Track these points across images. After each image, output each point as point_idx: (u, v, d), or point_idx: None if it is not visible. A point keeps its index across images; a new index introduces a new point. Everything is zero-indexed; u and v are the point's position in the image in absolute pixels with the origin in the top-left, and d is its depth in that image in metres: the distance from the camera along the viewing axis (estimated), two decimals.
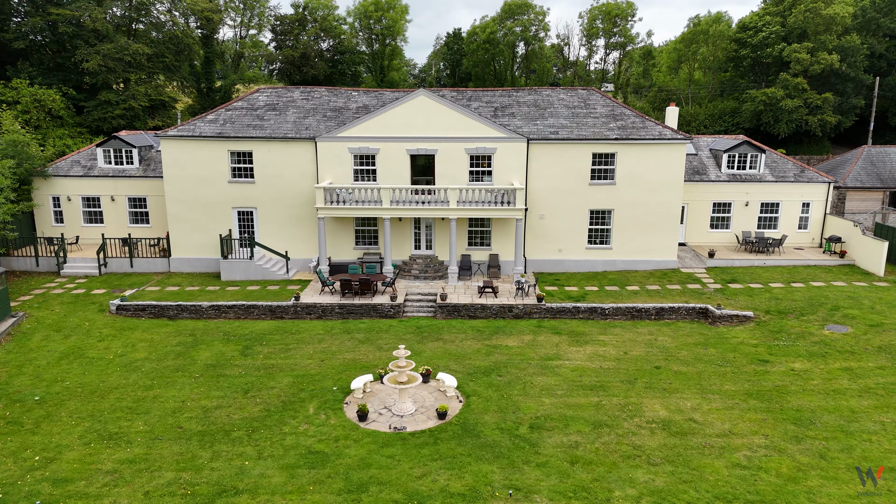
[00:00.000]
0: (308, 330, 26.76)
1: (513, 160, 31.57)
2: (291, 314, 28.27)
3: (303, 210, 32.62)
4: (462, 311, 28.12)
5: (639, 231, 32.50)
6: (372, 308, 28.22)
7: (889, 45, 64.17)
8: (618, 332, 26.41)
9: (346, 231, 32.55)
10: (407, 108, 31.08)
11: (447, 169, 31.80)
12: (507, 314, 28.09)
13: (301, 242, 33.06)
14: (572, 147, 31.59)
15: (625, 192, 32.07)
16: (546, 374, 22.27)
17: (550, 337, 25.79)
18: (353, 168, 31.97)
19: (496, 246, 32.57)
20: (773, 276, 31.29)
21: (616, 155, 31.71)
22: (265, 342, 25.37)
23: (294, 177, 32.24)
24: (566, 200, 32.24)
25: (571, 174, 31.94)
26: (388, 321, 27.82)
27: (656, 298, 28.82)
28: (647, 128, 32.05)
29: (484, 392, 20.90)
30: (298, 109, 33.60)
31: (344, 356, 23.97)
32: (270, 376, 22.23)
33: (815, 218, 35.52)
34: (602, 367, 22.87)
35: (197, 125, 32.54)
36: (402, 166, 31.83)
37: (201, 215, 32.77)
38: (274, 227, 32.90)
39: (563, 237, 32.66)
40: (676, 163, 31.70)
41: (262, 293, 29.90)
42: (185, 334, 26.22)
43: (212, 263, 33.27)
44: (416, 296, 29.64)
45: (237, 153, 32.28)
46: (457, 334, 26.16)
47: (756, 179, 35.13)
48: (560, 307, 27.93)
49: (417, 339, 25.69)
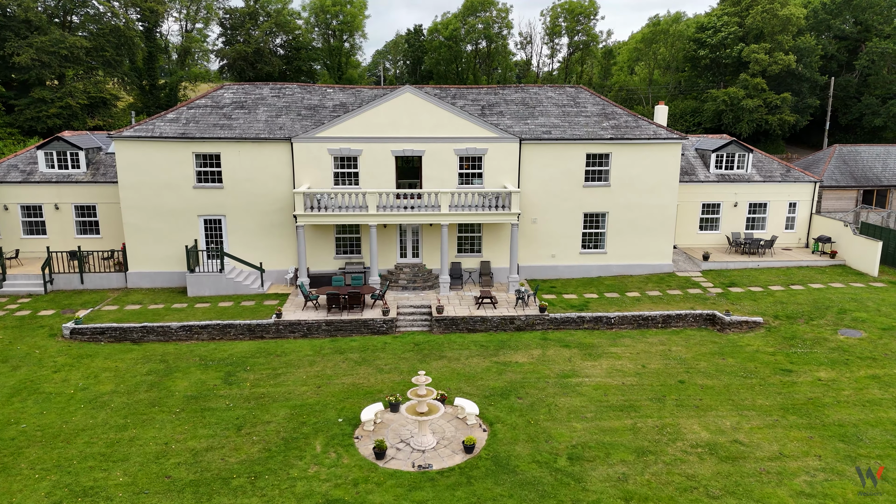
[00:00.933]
0: (295, 351, 24.23)
1: (504, 161, 29.79)
2: (273, 333, 25.64)
3: (277, 217, 29.92)
4: (460, 325, 26.14)
5: (634, 234, 31.28)
6: (363, 324, 25.88)
7: (840, 47, 65.78)
8: (628, 342, 24.98)
9: (326, 239, 30.05)
10: (392, 107, 28.85)
11: (435, 171, 29.73)
12: (509, 326, 26.28)
13: (275, 252, 30.35)
14: (566, 147, 30.07)
15: (619, 193, 30.77)
16: (569, 394, 20.54)
17: (560, 350, 24.11)
18: (333, 171, 29.50)
19: (487, 252, 30.71)
20: (770, 279, 30.60)
21: (611, 155, 30.37)
22: (249, 367, 22.72)
23: (267, 181, 29.51)
24: (559, 203, 30.69)
25: (565, 176, 30.41)
26: (381, 338, 25.56)
27: (661, 305, 27.58)
28: (641, 127, 30.86)
29: (507, 418, 18.99)
30: (270, 108, 30.85)
31: (342, 381, 21.61)
32: (263, 408, 19.67)
33: (802, 218, 35.21)
34: (625, 384, 21.33)
35: (156, 125, 29.38)
36: (386, 169, 29.57)
37: (163, 224, 29.62)
38: (245, 237, 30.06)
39: (557, 242, 31.11)
40: (671, 163, 30.62)
41: (237, 310, 27.11)
42: (156, 360, 23.26)
43: (176, 278, 30.15)
44: (408, 308, 27.47)
45: (203, 155, 29.30)
46: (459, 351, 24.16)
47: (744, 179, 34.52)
48: (564, 317, 26.32)
49: (418, 357, 23.56)
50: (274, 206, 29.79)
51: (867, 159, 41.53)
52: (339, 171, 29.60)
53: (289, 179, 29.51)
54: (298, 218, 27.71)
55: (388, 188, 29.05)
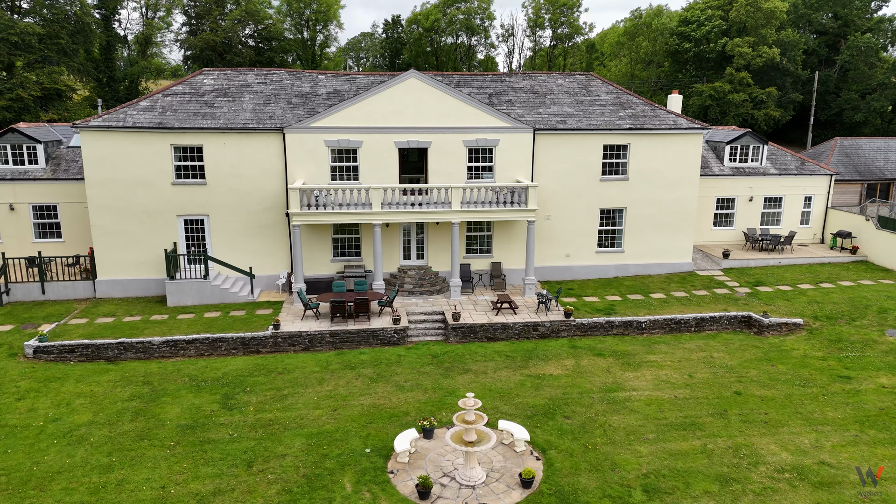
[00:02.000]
0: (299, 367, 21.37)
1: (517, 154, 27.40)
2: (271, 346, 22.71)
3: (267, 216, 26.92)
4: (479, 333, 23.65)
5: (652, 231, 29.27)
6: (371, 334, 23.16)
7: (820, 42, 65.53)
8: (664, 349, 22.89)
9: (322, 240, 27.17)
10: (395, 93, 26.17)
11: (442, 165, 27.16)
12: (532, 334, 23.91)
13: (265, 256, 27.33)
14: (582, 138, 27.85)
15: (638, 188, 28.72)
16: (620, 412, 18.26)
17: (595, 360, 21.85)
18: (330, 164, 26.65)
19: (499, 253, 28.29)
20: (796, 277, 28.97)
21: (629, 147, 28.28)
22: (249, 387, 19.79)
23: (256, 176, 26.49)
24: (575, 199, 28.46)
25: (581, 169, 28.20)
26: (393, 350, 22.88)
27: (691, 307, 25.59)
28: (660, 117, 28.87)
29: (560, 443, 16.58)
30: (256, 95, 27.80)
31: (360, 401, 18.89)
32: (274, 438, 16.83)
33: (817, 212, 33.80)
34: (677, 397, 19.16)
35: (128, 114, 26.06)
36: (389, 162, 26.87)
37: (137, 226, 26.31)
38: (231, 239, 26.96)
39: (571, 241, 28.88)
40: (692, 154, 28.71)
41: (226, 321, 24.06)
42: (138, 382, 20.13)
43: (153, 286, 26.87)
44: (419, 316, 24.85)
45: (183, 148, 26.11)
46: (484, 362, 21.67)
47: (760, 173, 32.91)
48: (592, 322, 24.08)
49: (440, 371, 20.98)
50: (263, 204, 26.78)
51: (868, 152, 40.57)
52: (337, 164, 26.76)
53: (280, 174, 26.54)
54: (293, 217, 24.81)
55: (391, 183, 26.37)
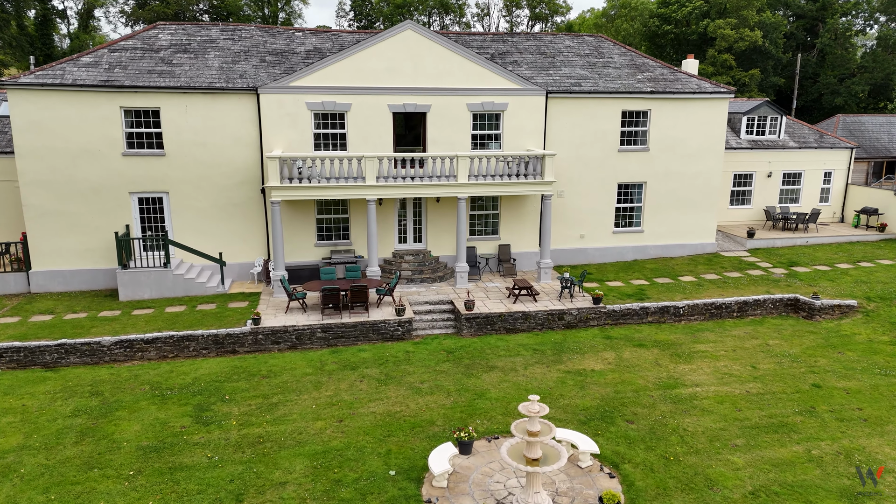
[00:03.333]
0: (287, 368, 17.51)
1: (527, 120, 24.03)
2: (251, 345, 18.78)
3: (239, 193, 22.88)
4: (496, 324, 20.20)
5: (674, 209, 26.31)
6: (371, 328, 19.45)
7: (798, 25, 64.34)
8: (711, 337, 19.87)
9: (305, 221, 23.27)
10: (388, 48, 22.47)
11: (443, 132, 23.58)
12: (557, 323, 20.58)
13: (237, 240, 23.28)
14: (599, 103, 24.66)
15: (659, 159, 25.71)
16: (691, 412, 15.05)
17: (637, 352, 18.64)
18: (313, 131, 22.77)
19: (507, 234, 24.86)
20: (830, 257, 26.41)
21: (650, 113, 25.23)
22: (228, 395, 15.87)
23: (225, 145, 22.43)
24: (590, 173, 25.26)
25: (597, 138, 25.02)
26: (398, 345, 19.21)
27: (729, 291, 22.67)
28: (681, 80, 25.93)
29: (632, 453, 13.25)
30: (223, 52, 23.70)
31: (370, 409, 15.19)
32: (268, 460, 13.01)
33: (837, 189, 31.48)
34: (749, 393, 16.07)
35: (67, 70, 21.67)
36: (382, 129, 23.15)
37: (80, 206, 21.95)
38: (196, 220, 22.82)
39: (586, 220, 25.67)
40: (718, 122, 25.86)
41: (194, 316, 19.99)
42: (84, 393, 15.98)
43: (101, 277, 22.53)
44: (423, 306, 21.24)
45: (136, 112, 21.87)
46: (509, 358, 18.22)
47: (778, 146, 30.36)
48: (625, 309, 20.90)
49: (460, 369, 17.43)
50: (234, 178, 22.73)
51: (872, 130, 38.69)
52: (322, 131, 22.90)
53: (254, 143, 22.54)
54: (272, 192, 20.88)
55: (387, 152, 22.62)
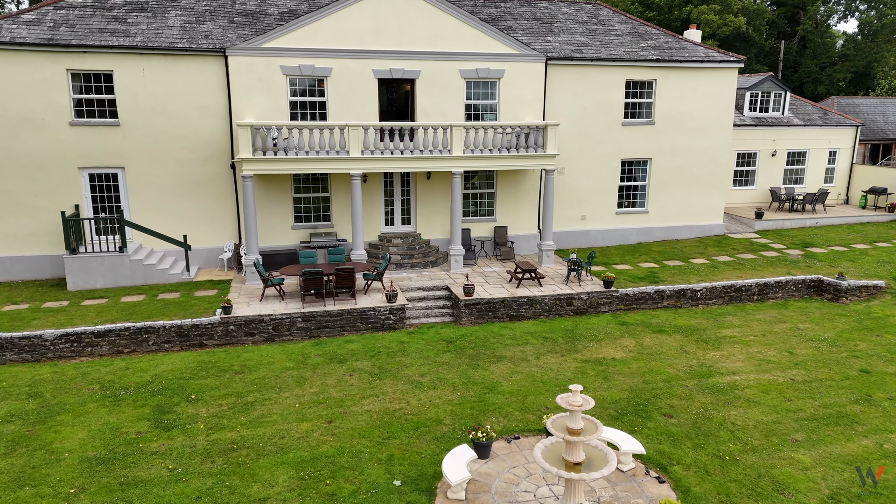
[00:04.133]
0: (264, 363, 15.12)
1: (526, 89, 21.95)
2: (221, 337, 16.32)
3: (206, 169, 20.36)
4: (499, 311, 18.05)
5: (680, 188, 24.48)
6: (359, 316, 17.13)
7: (779, 13, 63.57)
8: (735, 321, 18.01)
9: (280, 201, 20.84)
10: (374, 6, 20.17)
11: (433, 101, 21.37)
12: (565, 309, 18.51)
13: (203, 223, 20.75)
14: (601, 72, 22.70)
15: (665, 134, 23.86)
16: (734, 404, 13.08)
17: (659, 338, 16.67)
18: (289, 99, 20.35)
19: (503, 215, 22.74)
20: (844, 237, 24.87)
21: (655, 84, 23.37)
22: (194, 394, 13.44)
23: (189, 114, 19.90)
24: (593, 147, 23.29)
25: (600, 110, 23.05)
26: (390, 336, 16.94)
27: (747, 273, 20.88)
28: (687, 49, 24.12)
29: (679, 453, 11.20)
30: (185, 11, 21.12)
31: (364, 407, 12.90)
32: (244, 471, 10.66)
33: (842, 169, 30.04)
34: (794, 381, 14.19)
35: (4, 27, 18.93)
36: (366, 98, 20.83)
37: (21, 184, 19.22)
38: (157, 200, 20.24)
39: (588, 199, 23.69)
40: (726, 94, 24.10)
41: (154, 306, 17.44)
42: (20, 395, 13.40)
43: (47, 265, 19.81)
44: (416, 292, 19.00)
45: (85, 75, 19.22)
46: (518, 347, 16.08)
47: (783, 123, 28.79)
48: (638, 293, 18.94)
49: (464, 360, 15.23)
50: (200, 152, 20.20)
51: (867, 112, 37.56)
52: (299, 99, 20.49)
53: (222, 112, 20.06)
54: (244, 165, 18.42)
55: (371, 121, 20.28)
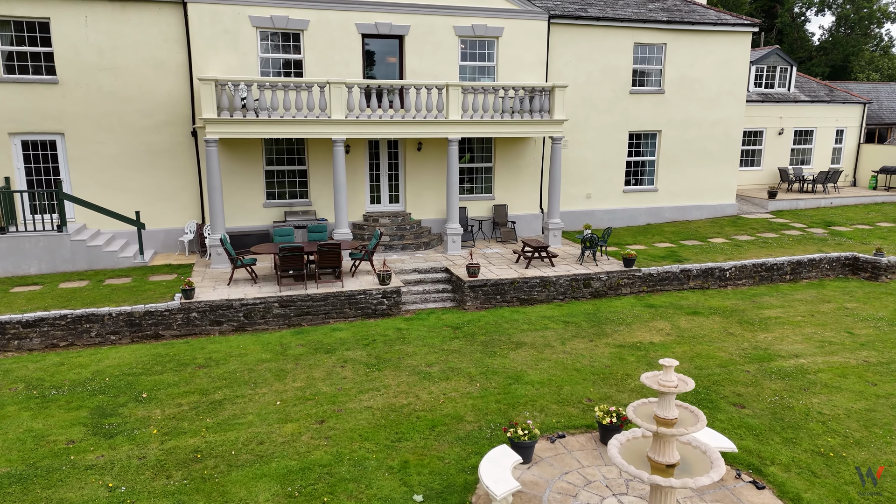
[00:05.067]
0: (235, 354, 12.39)
1: (527, 50, 19.66)
2: (181, 326, 13.53)
3: (162, 137, 17.52)
4: (508, 293, 15.62)
5: (692, 164, 22.46)
6: (347, 301, 14.51)
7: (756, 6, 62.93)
8: (773, 301, 15.91)
9: (251, 174, 18.09)
10: None
11: (424, 62, 18.91)
12: (582, 291, 16.18)
13: (159, 199, 17.87)
14: (608, 35, 20.56)
15: (675, 104, 21.82)
16: (812, 390, 10.85)
17: (695, 320, 14.45)
18: (259, 56, 17.67)
19: (502, 192, 20.36)
20: (864, 216, 23.14)
21: (665, 48, 21.33)
22: (146, 392, 10.65)
23: (141, 71, 17.06)
24: (599, 118, 21.12)
25: (606, 77, 20.90)
26: (384, 322, 14.35)
27: (775, 251, 18.87)
28: (697, 12, 22.18)
29: (771, 451, 8.88)
30: None
31: (363, 402, 10.30)
32: (211, 488, 7.96)
33: (849, 149, 28.49)
34: (869, 363, 12.07)
35: None
36: (349, 55, 18.27)
37: None
38: (103, 172, 17.31)
39: (593, 175, 21.48)
40: (739, 62, 22.20)
41: (98, 293, 14.54)
42: None
43: None
44: (411, 275, 16.45)
45: (17, 24, 16.26)
46: (537, 332, 13.66)
47: (790, 100, 27.09)
48: (662, 273, 16.73)
49: (476, 347, 12.74)
50: (155, 116, 17.36)
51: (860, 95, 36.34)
52: (271, 56, 17.82)
53: (181, 69, 17.27)
54: (207, 127, 15.67)
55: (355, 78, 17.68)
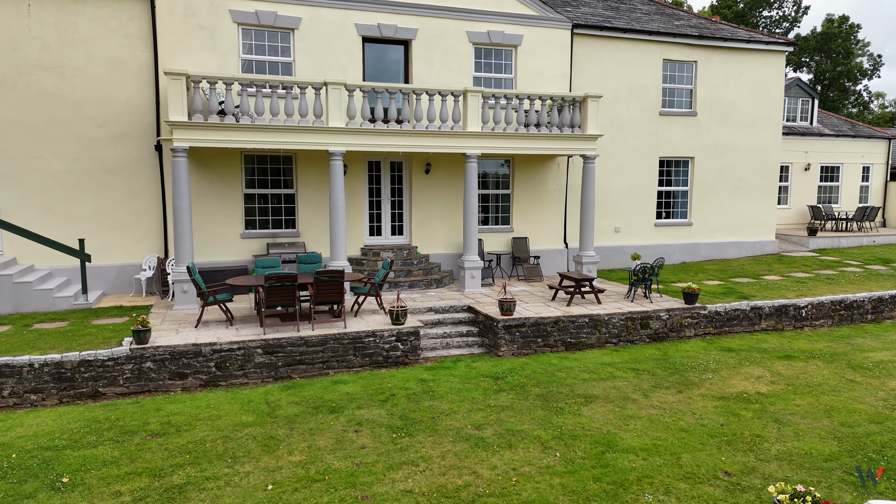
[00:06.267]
0: (204, 417, 8.90)
1: (548, 61, 17.23)
2: (130, 381, 10.01)
3: (119, 151, 14.33)
4: (551, 336, 12.49)
5: (726, 195, 20.00)
6: (351, 345, 11.19)
7: None
8: (872, 343, 13.13)
9: (226, 198, 14.91)
10: None
11: (434, 71, 16.29)
12: (639, 333, 13.15)
13: (113, 228, 14.51)
14: (635, 49, 18.34)
15: (708, 128, 19.52)
16: None
17: (794, 366, 11.48)
18: (240, 57, 14.83)
19: (521, 223, 17.47)
20: None
21: (696, 67, 19.17)
22: (70, 474, 7.10)
23: (95, 72, 14.03)
24: (626, 141, 18.63)
25: (634, 95, 18.55)
26: (401, 373, 11.02)
27: (847, 287, 16.18)
28: (726, 29, 20.25)
29: None
30: None
31: (397, 485, 6.91)
32: None
33: (876, 187, 26.53)
34: None
35: None
36: (346, 61, 15.54)
37: None
38: (42, 193, 13.97)
39: (621, 206, 18.82)
40: (774, 83, 20.15)
41: (21, 338, 10.95)
42: None
43: None
44: (426, 314, 13.25)
45: None
46: (604, 382, 10.48)
47: (814, 133, 25.18)
48: (731, 311, 13.85)
49: (534, 402, 9.48)
50: (111, 126, 14.23)
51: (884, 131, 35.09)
52: (255, 57, 14.99)
53: (144, 71, 14.29)
54: (175, 133, 12.58)
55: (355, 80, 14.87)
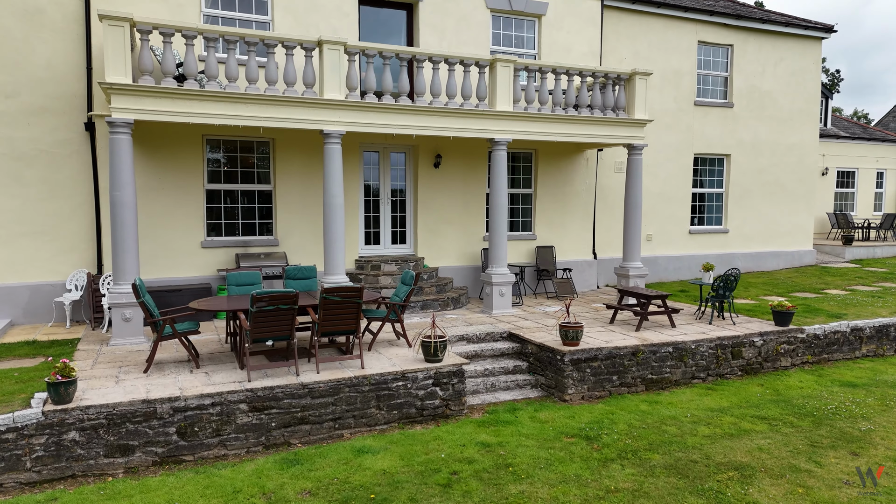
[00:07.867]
0: None
1: (576, 37, 14.42)
2: (42, 462, 6.37)
3: (34, 131, 10.62)
4: (628, 371, 9.47)
5: (763, 199, 17.58)
6: (372, 392, 7.84)
7: None
8: None
9: (182, 196, 11.36)
10: None
11: (444, 41, 13.22)
12: (730, 364, 10.28)
13: (25, 235, 10.74)
14: (669, 28, 15.78)
15: (745, 122, 17.10)
16: None
17: None
18: (202, 11, 11.39)
19: (545, 230, 14.48)
20: None
21: (732, 51, 16.76)
22: None
23: (3, 24, 10.34)
24: (659, 135, 15.98)
25: (667, 82, 15.95)
26: (449, 431, 7.74)
27: None
28: (761, 10, 17.98)
29: None
30: None
31: None
32: None
33: (890, 193, 24.84)
34: None
35: None
36: (338, 21, 12.29)
37: None
38: None
39: (654, 211, 16.11)
40: (811, 73, 17.96)
41: None
42: None
43: None
44: (458, 344, 10.01)
45: None
46: (734, 441, 7.48)
47: (830, 135, 23.28)
48: (830, 332, 11.18)
49: (666, 482, 6.37)
50: (23, 97, 10.54)
51: None
52: (222, 13, 11.56)
53: (72, 27, 10.68)
54: (114, 102, 9.05)
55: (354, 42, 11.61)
